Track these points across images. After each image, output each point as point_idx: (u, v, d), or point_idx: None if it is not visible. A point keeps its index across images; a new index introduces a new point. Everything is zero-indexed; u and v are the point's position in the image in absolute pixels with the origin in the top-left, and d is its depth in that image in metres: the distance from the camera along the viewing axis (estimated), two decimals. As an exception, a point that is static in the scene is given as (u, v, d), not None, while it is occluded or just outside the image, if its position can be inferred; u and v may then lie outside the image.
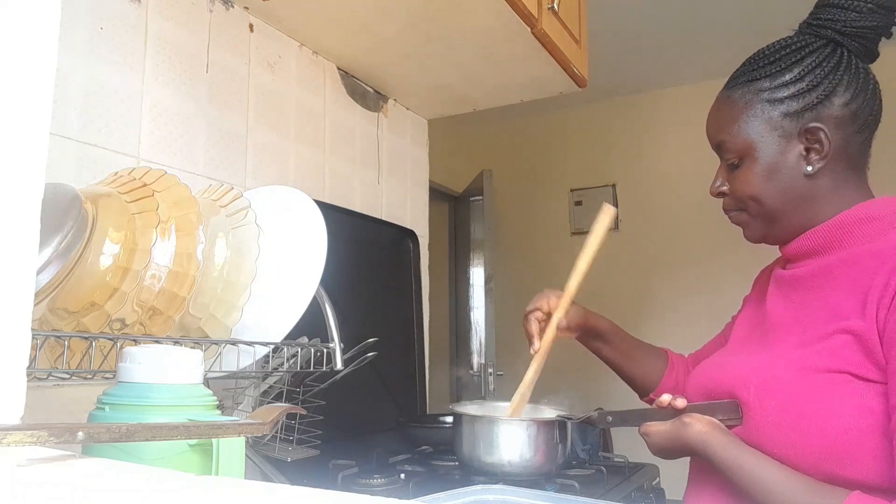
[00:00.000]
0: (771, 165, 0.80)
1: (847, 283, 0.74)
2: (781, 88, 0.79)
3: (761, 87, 0.81)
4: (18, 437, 0.34)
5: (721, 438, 0.74)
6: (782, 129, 0.79)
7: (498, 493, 0.60)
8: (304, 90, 1.42)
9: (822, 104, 0.78)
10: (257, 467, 0.92)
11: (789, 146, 0.79)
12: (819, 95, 0.78)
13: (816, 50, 0.79)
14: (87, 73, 0.97)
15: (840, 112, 0.78)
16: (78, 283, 0.65)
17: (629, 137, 3.56)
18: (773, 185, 0.80)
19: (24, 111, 0.41)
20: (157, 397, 0.55)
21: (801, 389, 0.71)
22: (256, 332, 0.82)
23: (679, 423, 0.77)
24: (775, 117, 0.80)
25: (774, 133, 0.80)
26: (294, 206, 0.94)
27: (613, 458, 1.49)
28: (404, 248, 1.68)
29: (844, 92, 0.78)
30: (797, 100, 0.79)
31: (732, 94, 0.84)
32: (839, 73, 0.78)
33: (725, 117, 0.84)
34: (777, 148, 0.80)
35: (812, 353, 0.72)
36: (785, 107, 0.79)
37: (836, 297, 0.74)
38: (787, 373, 0.73)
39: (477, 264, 3.46)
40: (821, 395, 0.69)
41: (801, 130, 0.79)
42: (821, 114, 0.78)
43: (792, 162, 0.79)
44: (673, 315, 3.28)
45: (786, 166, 0.80)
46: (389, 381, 1.50)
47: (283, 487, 0.32)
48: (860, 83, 0.79)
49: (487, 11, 1.27)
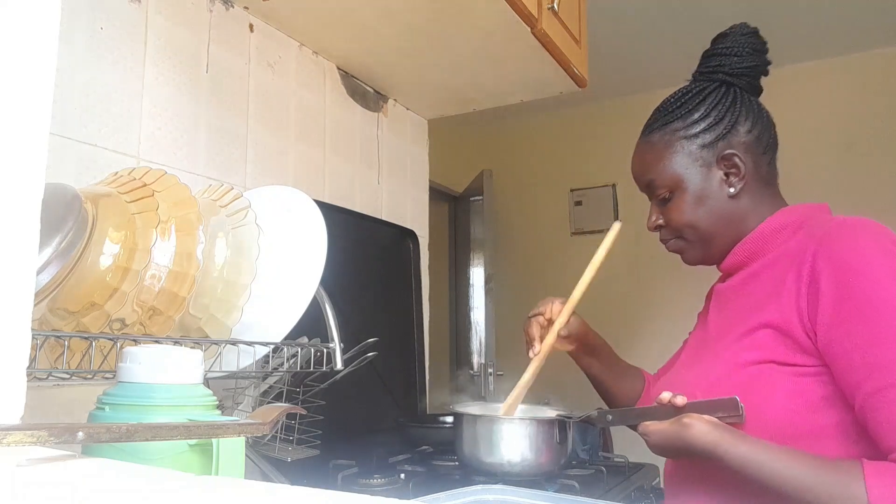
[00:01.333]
0: (699, 193, 0.90)
1: (768, 283, 0.82)
2: (693, 125, 0.91)
3: (676, 127, 0.92)
4: (18, 437, 0.34)
5: (729, 437, 0.74)
6: (702, 159, 0.90)
7: (498, 493, 0.60)
8: (304, 90, 1.42)
9: (731, 133, 0.90)
10: (257, 467, 0.92)
11: (711, 173, 0.90)
12: (726, 126, 0.90)
13: (713, 91, 0.92)
14: (87, 73, 0.97)
15: (746, 138, 0.90)
16: (78, 283, 0.65)
17: (629, 137, 3.53)
18: (704, 209, 0.90)
19: (24, 111, 0.41)
20: (157, 397, 0.55)
21: (736, 385, 0.78)
22: (256, 332, 0.82)
23: (680, 425, 0.77)
24: (694, 150, 0.90)
25: (696, 164, 0.90)
26: (294, 206, 0.94)
27: (613, 458, 1.49)
28: (404, 248, 1.68)
29: (745, 121, 0.90)
30: (709, 132, 0.90)
31: (651, 138, 0.95)
32: (737, 107, 0.91)
33: (650, 159, 0.94)
34: (701, 176, 0.90)
35: (739, 350, 0.80)
36: (700, 140, 0.90)
37: (759, 296, 0.83)
38: (723, 372, 0.80)
39: (477, 264, 3.46)
40: (754, 386, 0.77)
41: (719, 158, 0.90)
42: (731, 141, 0.90)
43: (716, 187, 0.90)
44: (671, 314, 3.27)
45: (711, 191, 0.90)
46: (389, 381, 1.50)
47: (283, 487, 0.32)
48: (755, 113, 0.92)
49: (487, 11, 1.27)
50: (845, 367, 0.71)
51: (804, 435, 0.74)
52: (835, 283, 0.73)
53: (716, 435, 0.74)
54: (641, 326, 3.30)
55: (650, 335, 3.20)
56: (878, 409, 0.68)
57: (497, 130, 3.96)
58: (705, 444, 0.74)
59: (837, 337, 0.72)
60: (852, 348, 0.71)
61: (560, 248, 3.63)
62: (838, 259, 0.74)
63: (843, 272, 0.73)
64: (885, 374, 0.68)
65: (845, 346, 0.71)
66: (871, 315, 0.70)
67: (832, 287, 0.73)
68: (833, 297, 0.73)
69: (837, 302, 0.72)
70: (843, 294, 0.72)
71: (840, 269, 0.73)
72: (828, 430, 0.73)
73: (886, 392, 0.68)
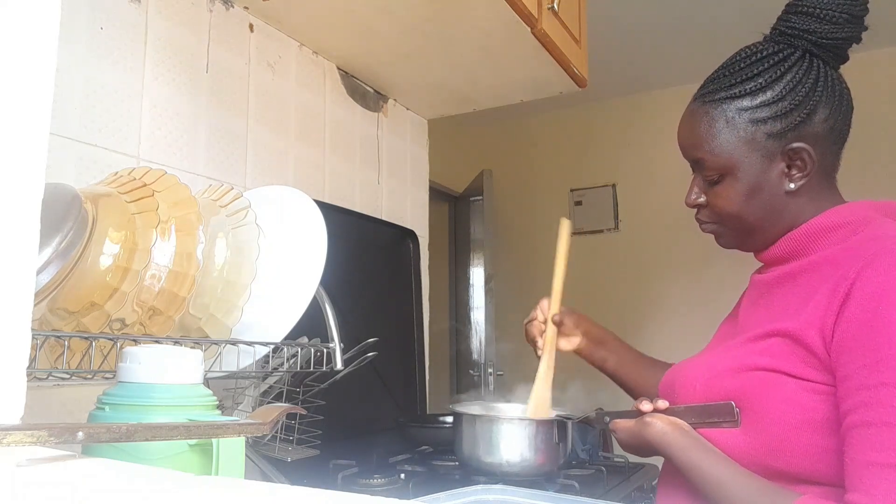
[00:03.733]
0: (753, 185, 0.80)
1: (803, 287, 0.76)
2: (763, 108, 0.78)
3: (742, 105, 0.79)
4: (18, 437, 0.34)
5: (680, 439, 0.76)
6: (765, 149, 0.79)
7: (498, 493, 0.60)
8: (304, 90, 1.42)
9: (804, 123, 0.77)
10: (257, 467, 0.92)
11: (772, 165, 0.79)
12: (801, 115, 0.77)
13: (795, 64, 0.78)
14: (87, 73, 0.97)
15: (821, 128, 0.78)
16: (78, 283, 0.65)
17: (629, 137, 3.56)
18: (755, 203, 0.80)
19: (24, 111, 0.41)
20: (157, 397, 0.55)
21: (736, 387, 0.75)
22: (256, 332, 0.82)
23: (641, 423, 0.79)
24: (759, 137, 0.78)
25: (757, 153, 0.79)
26: (294, 206, 0.94)
27: (613, 458, 1.49)
28: (404, 248, 1.68)
29: (824, 108, 0.78)
30: (780, 120, 0.78)
31: (711, 109, 0.81)
32: (818, 90, 0.77)
33: (704, 133, 0.81)
34: (760, 167, 0.79)
35: (749, 352, 0.76)
36: (768, 127, 0.78)
37: (789, 299, 0.77)
38: (727, 370, 0.77)
39: (477, 264, 3.46)
40: (754, 392, 0.73)
41: (784, 150, 0.78)
42: (802, 132, 0.77)
43: (774, 180, 0.79)
44: (672, 315, 3.28)
45: (768, 185, 0.80)
46: (389, 381, 1.50)
47: (283, 487, 0.32)
48: (836, 97, 0.79)
49: (487, 11, 1.27)
50: (841, 392, 0.68)
51: (798, 453, 0.70)
52: (861, 308, 0.67)
53: (669, 436, 0.76)
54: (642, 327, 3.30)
55: (650, 335, 3.20)
56: (850, 444, 0.65)
57: (497, 130, 3.96)
58: (659, 444, 0.77)
59: (843, 362, 0.68)
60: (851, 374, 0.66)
61: (560, 248, 3.62)
62: (876, 284, 0.67)
63: (873, 300, 0.66)
64: (866, 412, 0.64)
65: (847, 369, 0.67)
66: (882, 350, 0.64)
67: (857, 311, 0.67)
68: (853, 322, 0.67)
69: (855, 327, 0.67)
70: (863, 321, 0.66)
71: (871, 296, 0.66)
72: (826, 454, 0.68)
73: (859, 430, 0.64)
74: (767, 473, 0.72)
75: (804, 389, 0.70)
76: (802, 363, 0.71)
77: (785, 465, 0.71)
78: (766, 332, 0.75)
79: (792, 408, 0.70)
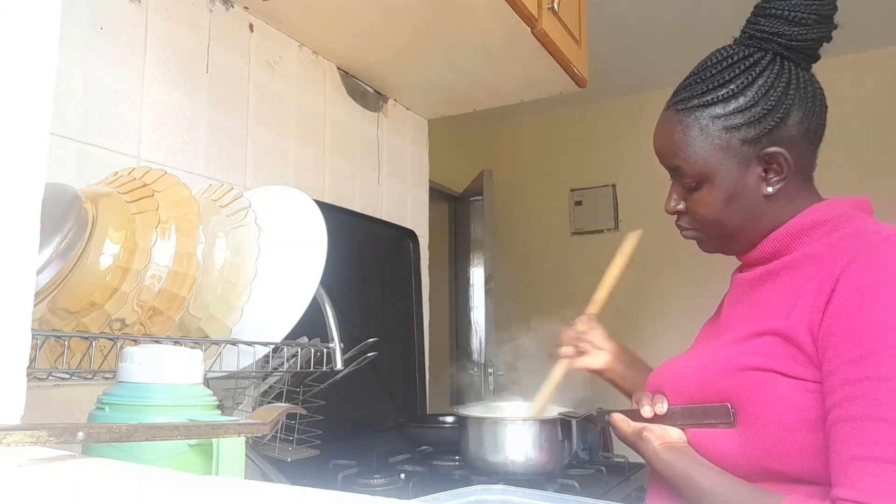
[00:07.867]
0: (731, 191, 0.80)
1: (787, 285, 0.76)
2: (736, 115, 0.78)
3: (715, 112, 0.79)
4: (18, 437, 0.34)
5: (667, 457, 0.78)
6: (741, 155, 0.79)
7: (498, 493, 0.60)
8: (304, 90, 1.42)
9: (778, 127, 0.77)
10: (257, 467, 0.92)
11: (748, 171, 0.79)
12: (775, 119, 0.77)
13: (766, 68, 0.78)
14: (87, 73, 0.97)
15: (795, 130, 0.78)
16: (78, 283, 0.65)
17: (629, 137, 3.56)
18: (734, 208, 0.80)
19: (24, 111, 0.41)
20: (157, 397, 0.55)
21: (730, 388, 0.75)
22: (256, 332, 0.82)
23: (637, 438, 0.82)
24: (734, 144, 0.78)
25: (733, 159, 0.79)
26: (294, 205, 0.94)
27: (613, 458, 1.49)
28: (404, 248, 1.68)
29: (797, 111, 0.78)
30: (754, 126, 0.77)
31: (684, 117, 0.81)
32: (790, 93, 0.77)
33: (679, 141, 0.81)
34: (736, 174, 0.79)
35: (741, 352, 0.75)
36: (742, 133, 0.78)
37: (774, 298, 0.77)
38: (719, 371, 0.77)
39: (477, 264, 3.46)
40: (747, 392, 0.73)
41: (760, 155, 0.78)
42: (777, 137, 0.77)
43: (752, 185, 0.80)
44: (672, 315, 3.27)
45: (745, 190, 0.80)
46: (389, 381, 1.50)
47: (283, 487, 0.32)
48: (809, 98, 0.79)
49: (487, 12, 1.27)
50: (826, 387, 0.68)
51: (794, 453, 0.70)
52: (846, 304, 0.67)
53: (657, 456, 0.79)
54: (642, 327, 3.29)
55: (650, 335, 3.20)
56: (834, 439, 0.65)
57: (497, 130, 3.96)
58: (650, 460, 0.80)
59: (828, 357, 0.68)
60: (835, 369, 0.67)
61: (560, 248, 3.63)
62: (860, 279, 0.67)
63: (857, 295, 0.66)
64: (850, 406, 0.64)
65: (832, 364, 0.67)
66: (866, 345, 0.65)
67: (842, 306, 0.67)
68: (838, 317, 0.67)
69: (840, 322, 0.67)
70: (847, 316, 0.66)
71: (855, 291, 0.67)
72: (822, 453, 0.68)
73: (844, 424, 0.65)
74: (764, 474, 0.72)
75: (797, 389, 0.70)
76: (794, 362, 0.71)
77: (781, 466, 0.71)
78: (758, 331, 0.75)
79: (786, 408, 0.70)
